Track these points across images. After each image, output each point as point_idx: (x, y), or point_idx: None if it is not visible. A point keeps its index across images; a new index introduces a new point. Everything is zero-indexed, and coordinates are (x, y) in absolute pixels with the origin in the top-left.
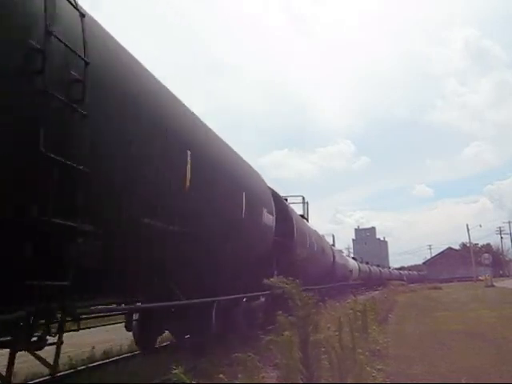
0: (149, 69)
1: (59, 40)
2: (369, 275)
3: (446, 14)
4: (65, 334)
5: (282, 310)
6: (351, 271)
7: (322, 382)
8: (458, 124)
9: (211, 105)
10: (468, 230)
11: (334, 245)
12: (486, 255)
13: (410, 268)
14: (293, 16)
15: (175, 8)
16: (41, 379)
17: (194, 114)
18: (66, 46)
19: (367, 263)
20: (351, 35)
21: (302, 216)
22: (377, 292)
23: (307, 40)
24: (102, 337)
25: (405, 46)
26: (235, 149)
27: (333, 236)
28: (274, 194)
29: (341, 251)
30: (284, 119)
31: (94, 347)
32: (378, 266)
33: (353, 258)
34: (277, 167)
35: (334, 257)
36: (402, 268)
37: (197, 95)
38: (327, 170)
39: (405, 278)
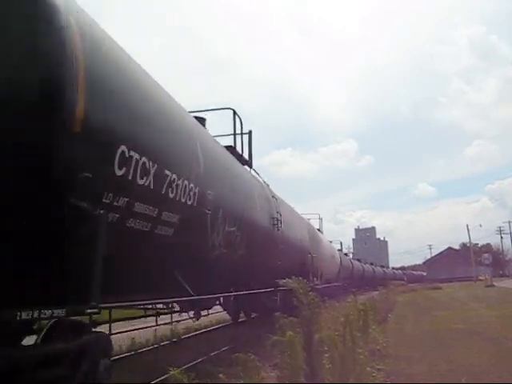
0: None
1: None
2: (351, 273)
3: (449, 10)
4: None
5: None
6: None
7: (325, 381)
8: (463, 122)
9: (212, 103)
10: (468, 230)
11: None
12: (486, 255)
13: (408, 268)
14: (295, 14)
15: (175, 7)
16: None
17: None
18: None
19: (346, 254)
20: (354, 33)
21: (318, 229)
22: (376, 292)
23: (310, 38)
24: None
25: (408, 43)
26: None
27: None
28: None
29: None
30: (287, 118)
31: None
32: (359, 260)
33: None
34: (280, 166)
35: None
36: (401, 268)
37: (197, 93)
38: (329, 169)
39: (405, 278)
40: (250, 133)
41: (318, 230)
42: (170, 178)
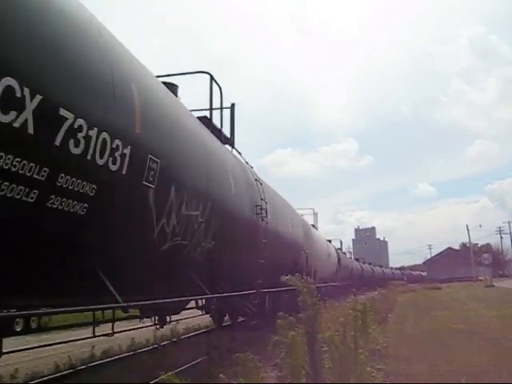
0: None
1: None
2: (350, 273)
3: (449, 10)
4: None
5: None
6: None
7: (325, 381)
8: (463, 122)
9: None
10: (468, 230)
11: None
12: (486, 255)
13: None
14: (295, 14)
15: (175, 7)
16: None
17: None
18: None
19: (344, 253)
20: (354, 33)
21: (313, 225)
22: (376, 292)
23: (310, 38)
24: None
25: (408, 43)
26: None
27: None
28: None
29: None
30: (287, 118)
31: None
32: (357, 259)
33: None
34: (280, 166)
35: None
36: (401, 268)
37: (197, 93)
38: (330, 169)
39: (405, 278)
40: (232, 106)
41: (313, 225)
42: (70, 123)
